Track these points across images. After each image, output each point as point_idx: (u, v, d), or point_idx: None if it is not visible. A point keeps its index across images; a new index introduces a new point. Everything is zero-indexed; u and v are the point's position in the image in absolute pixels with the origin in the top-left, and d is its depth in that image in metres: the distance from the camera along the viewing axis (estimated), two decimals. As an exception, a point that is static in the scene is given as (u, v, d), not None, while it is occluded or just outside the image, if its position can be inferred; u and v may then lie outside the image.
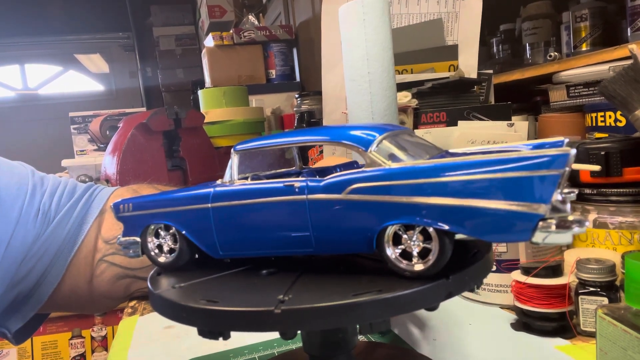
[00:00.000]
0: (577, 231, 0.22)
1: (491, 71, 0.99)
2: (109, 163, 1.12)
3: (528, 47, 1.23)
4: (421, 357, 0.42)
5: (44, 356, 1.70)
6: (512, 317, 0.50)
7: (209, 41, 2.18)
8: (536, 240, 0.22)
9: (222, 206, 0.30)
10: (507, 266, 0.52)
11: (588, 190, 0.52)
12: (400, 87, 0.80)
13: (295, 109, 1.44)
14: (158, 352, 0.54)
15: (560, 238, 0.22)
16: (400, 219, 0.26)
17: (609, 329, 0.32)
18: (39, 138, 4.00)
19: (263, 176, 0.34)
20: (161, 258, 0.34)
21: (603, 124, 0.86)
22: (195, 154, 1.18)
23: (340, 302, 0.24)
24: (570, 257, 0.48)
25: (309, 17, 2.17)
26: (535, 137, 1.07)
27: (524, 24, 1.23)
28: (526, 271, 0.47)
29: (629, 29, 0.91)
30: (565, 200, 0.22)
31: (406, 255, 0.26)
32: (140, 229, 0.34)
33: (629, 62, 0.53)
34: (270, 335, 0.52)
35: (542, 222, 0.22)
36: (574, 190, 0.26)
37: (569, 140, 0.27)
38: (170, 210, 0.32)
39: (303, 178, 0.29)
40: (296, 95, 1.43)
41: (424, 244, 0.26)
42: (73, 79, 4.58)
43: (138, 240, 0.34)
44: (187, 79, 3.73)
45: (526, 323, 0.47)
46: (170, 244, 0.33)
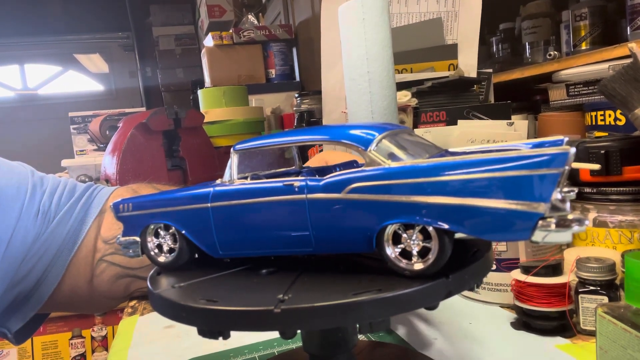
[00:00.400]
0: (577, 230, 0.22)
1: (491, 70, 0.99)
2: (108, 163, 1.12)
3: (528, 46, 1.23)
4: (421, 357, 0.42)
5: (44, 356, 1.70)
6: (512, 316, 0.50)
7: (209, 41, 2.18)
8: (536, 239, 0.22)
9: (222, 206, 0.30)
10: (507, 265, 0.52)
11: (588, 189, 0.52)
12: (400, 87, 0.80)
13: (295, 108, 1.44)
14: (158, 352, 0.54)
15: (560, 237, 0.22)
16: (400, 218, 0.26)
17: (609, 328, 0.32)
18: (39, 138, 4.00)
19: (262, 176, 0.34)
20: (161, 258, 0.34)
21: (603, 123, 0.86)
22: (195, 154, 1.18)
23: (340, 302, 0.24)
24: (570, 256, 0.48)
25: (308, 17, 2.17)
26: (535, 136, 1.07)
27: (524, 22, 1.23)
28: (526, 270, 0.47)
29: (628, 28, 0.91)
30: (565, 199, 0.22)
31: (406, 254, 0.26)
32: (140, 228, 0.34)
33: (628, 61, 0.53)
34: (270, 335, 0.52)
35: (542, 221, 0.22)
36: (574, 189, 0.26)
37: (568, 139, 0.27)
38: (170, 209, 0.32)
39: (302, 177, 0.29)
40: (296, 95, 1.43)
41: (423, 243, 0.26)
42: (73, 79, 4.58)
43: (138, 240, 0.34)
44: (187, 79, 3.73)
45: (526, 322, 0.47)
46: (170, 244, 0.33)
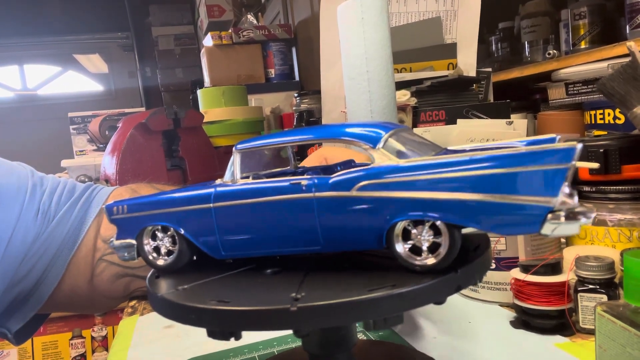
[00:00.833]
0: (585, 222, 0.22)
1: (490, 69, 0.99)
2: (108, 163, 1.12)
3: (527, 45, 1.23)
4: (421, 356, 0.42)
5: (44, 356, 1.70)
6: (512, 315, 0.50)
7: (208, 41, 2.18)
8: (545, 232, 0.23)
9: (226, 206, 0.30)
10: (507, 264, 0.52)
11: (587, 188, 0.52)
12: (399, 86, 0.80)
13: (294, 108, 1.44)
14: (158, 352, 0.54)
15: (568, 229, 0.23)
16: (410, 215, 0.26)
17: (608, 326, 0.32)
18: (39, 138, 4.00)
19: (263, 175, 0.33)
20: (160, 261, 0.33)
21: (602, 122, 0.86)
22: (195, 154, 1.18)
23: (357, 298, 0.24)
24: (569, 255, 0.48)
25: (307, 16, 2.17)
26: (534, 135, 1.07)
27: (523, 21, 1.23)
28: (525, 269, 0.47)
29: (627, 27, 0.91)
30: (573, 192, 0.23)
31: (414, 250, 0.27)
32: (136, 231, 0.33)
33: (627, 60, 0.53)
34: (270, 334, 0.52)
35: (551, 214, 0.23)
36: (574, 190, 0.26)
37: (561, 137, 0.27)
38: (170, 211, 0.32)
39: (309, 176, 0.29)
40: (295, 95, 1.43)
41: (433, 238, 0.26)
42: (72, 79, 4.58)
43: (134, 242, 0.33)
44: (186, 79, 3.73)
45: (525, 321, 0.47)
46: (169, 246, 0.33)
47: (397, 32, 0.88)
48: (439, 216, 0.25)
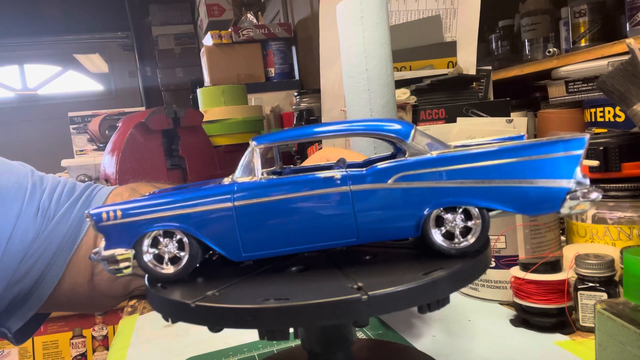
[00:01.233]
0: (596, 197, 0.26)
1: (490, 67, 0.99)
2: (108, 162, 1.12)
3: (527, 43, 1.23)
4: (420, 354, 0.42)
5: (45, 356, 1.71)
6: (511, 313, 0.50)
7: (208, 40, 2.18)
8: (564, 211, 0.27)
9: (250, 203, 0.29)
10: (506, 262, 0.52)
11: (587, 186, 0.52)
12: (399, 84, 0.80)
13: (294, 107, 1.44)
14: (158, 351, 0.54)
15: (583, 206, 0.27)
16: (446, 202, 0.28)
17: (608, 324, 0.32)
18: (39, 138, 4.00)
19: (271, 172, 0.32)
20: (167, 269, 0.30)
21: (602, 120, 0.85)
22: (195, 153, 1.18)
23: (421, 282, 0.25)
24: (569, 253, 0.48)
25: (307, 15, 2.17)
26: (534, 133, 1.07)
27: (523, 20, 1.23)
28: (525, 267, 0.47)
29: (627, 24, 0.91)
30: (585, 175, 0.27)
31: (447, 236, 0.28)
32: (134, 238, 0.30)
33: (627, 57, 0.53)
34: (269, 333, 0.52)
35: (569, 194, 0.27)
36: None
37: (525, 134, 0.32)
38: (180, 213, 0.29)
39: (339, 170, 0.29)
40: (295, 94, 1.43)
41: (464, 223, 0.28)
42: (72, 79, 4.58)
43: (130, 251, 0.30)
44: (187, 78, 3.73)
45: (525, 319, 0.47)
46: (174, 252, 0.30)
47: (397, 31, 0.88)
48: (472, 201, 0.28)
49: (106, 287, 0.63)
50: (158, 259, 0.30)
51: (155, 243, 0.30)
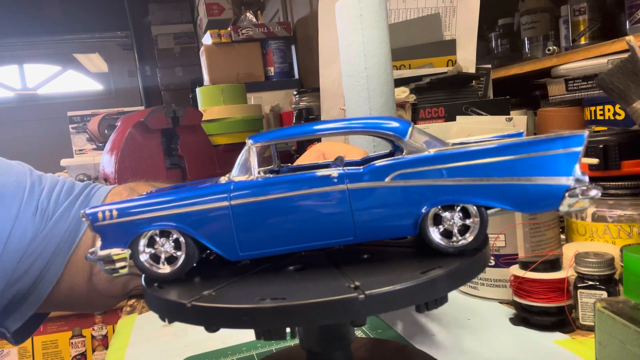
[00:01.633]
0: (595, 194, 0.26)
1: (489, 66, 0.99)
2: (107, 162, 1.12)
3: (527, 42, 1.23)
4: (420, 353, 0.42)
5: (44, 356, 1.71)
6: (511, 312, 0.50)
7: (207, 39, 2.18)
8: (563, 208, 0.26)
9: (247, 202, 0.29)
10: (506, 261, 0.52)
11: (586, 184, 0.52)
12: (398, 83, 0.80)
13: (293, 106, 1.44)
14: (156, 350, 0.54)
15: (582, 204, 0.26)
16: (444, 200, 0.28)
17: (608, 323, 0.32)
18: (38, 138, 4.00)
19: (268, 171, 0.32)
20: (163, 269, 0.30)
21: (602, 118, 0.85)
22: (194, 152, 1.18)
23: (418, 281, 0.25)
24: (568, 251, 0.47)
25: (306, 14, 2.17)
26: (534, 131, 1.07)
27: (523, 18, 1.23)
28: (525, 266, 0.47)
29: (627, 22, 0.90)
30: (583, 172, 0.27)
31: (445, 234, 0.28)
32: (130, 237, 0.29)
33: (627, 55, 0.52)
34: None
35: (569, 192, 0.26)
36: None
37: (524, 132, 0.31)
38: (177, 212, 0.29)
39: (336, 168, 0.29)
40: (295, 93, 1.43)
41: (462, 221, 0.28)
42: (72, 78, 4.58)
43: (126, 251, 0.30)
44: (186, 77, 3.73)
45: (525, 317, 0.47)
46: (171, 252, 0.30)
47: (396, 29, 0.88)
48: (470, 199, 0.27)
49: (105, 287, 0.63)
50: (154, 258, 0.30)
51: (151, 243, 0.30)
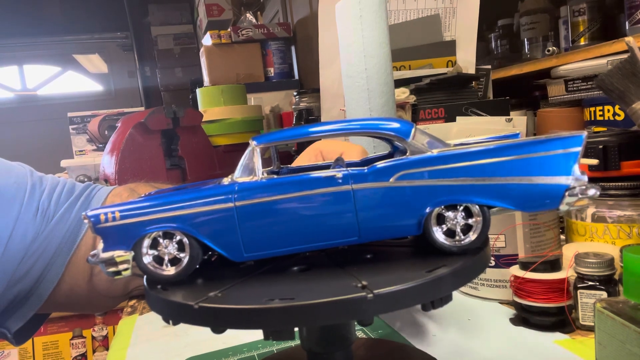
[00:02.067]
0: (593, 193, 0.27)
1: (489, 66, 0.99)
2: (107, 163, 1.12)
3: (526, 42, 1.23)
4: (420, 353, 0.42)
5: (45, 356, 1.70)
6: (511, 312, 0.50)
7: (207, 40, 2.18)
8: (563, 207, 0.27)
9: (252, 203, 0.28)
10: (506, 261, 0.52)
11: (586, 185, 0.52)
12: (398, 84, 0.80)
13: (293, 106, 1.44)
14: (157, 351, 0.54)
15: (581, 203, 0.27)
16: (447, 199, 0.28)
17: (608, 323, 0.32)
18: (38, 139, 4.00)
19: (271, 172, 0.32)
20: (168, 270, 0.30)
21: (602, 118, 0.85)
22: (194, 153, 1.18)
23: (425, 279, 0.25)
24: (568, 252, 0.48)
25: (306, 15, 2.17)
26: (534, 132, 1.07)
27: (522, 18, 1.23)
28: (525, 266, 0.47)
29: (627, 23, 0.91)
30: (582, 172, 0.27)
31: (448, 233, 0.29)
32: (134, 239, 0.29)
33: (626, 56, 0.53)
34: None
35: (568, 191, 0.27)
36: None
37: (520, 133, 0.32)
38: (181, 213, 0.29)
39: (339, 169, 0.29)
40: (294, 93, 1.43)
41: (464, 220, 0.28)
42: (72, 79, 4.58)
43: (130, 253, 0.29)
44: (186, 78, 3.73)
45: (525, 318, 0.47)
46: (174, 253, 0.30)
47: (396, 30, 0.88)
48: (473, 199, 0.28)
49: (105, 288, 0.63)
50: (157, 260, 0.30)
51: (154, 244, 0.30)
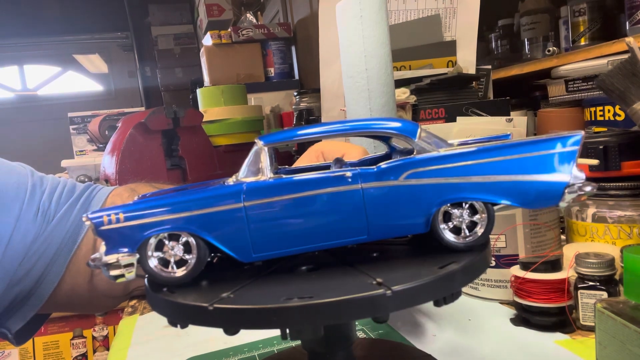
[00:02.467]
0: (590, 189, 0.28)
1: (490, 67, 0.99)
2: (108, 163, 1.12)
3: (526, 42, 1.23)
4: (420, 353, 0.42)
5: (45, 356, 1.71)
6: (512, 312, 0.50)
7: (207, 40, 2.18)
8: (563, 204, 0.28)
9: (262, 203, 0.28)
10: (507, 261, 0.52)
11: (587, 185, 0.52)
12: (399, 84, 0.80)
13: (294, 106, 1.44)
14: (158, 351, 0.54)
15: (580, 199, 0.28)
16: (454, 197, 0.29)
17: (608, 323, 0.32)
18: (39, 139, 4.00)
19: (280, 172, 0.32)
20: (175, 273, 0.29)
21: (602, 118, 0.85)
22: (194, 153, 1.18)
23: (439, 275, 0.26)
24: (569, 252, 0.48)
25: (306, 15, 2.17)
26: (534, 132, 1.07)
27: (523, 19, 1.23)
28: (525, 266, 0.47)
29: (627, 23, 0.90)
30: (580, 169, 0.28)
31: (454, 230, 0.29)
32: (139, 241, 0.28)
33: (627, 56, 0.53)
34: (270, 333, 0.52)
35: (568, 188, 0.28)
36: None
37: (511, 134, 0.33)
38: (188, 214, 0.28)
39: (347, 168, 0.29)
40: (295, 93, 1.43)
41: (470, 217, 0.29)
42: (72, 79, 4.58)
43: (134, 256, 0.29)
44: (186, 78, 3.73)
45: (525, 318, 0.47)
46: (181, 255, 0.29)
47: (396, 30, 0.88)
48: (478, 196, 0.29)
49: (106, 288, 0.63)
50: (163, 262, 0.29)
51: (159, 246, 0.29)
